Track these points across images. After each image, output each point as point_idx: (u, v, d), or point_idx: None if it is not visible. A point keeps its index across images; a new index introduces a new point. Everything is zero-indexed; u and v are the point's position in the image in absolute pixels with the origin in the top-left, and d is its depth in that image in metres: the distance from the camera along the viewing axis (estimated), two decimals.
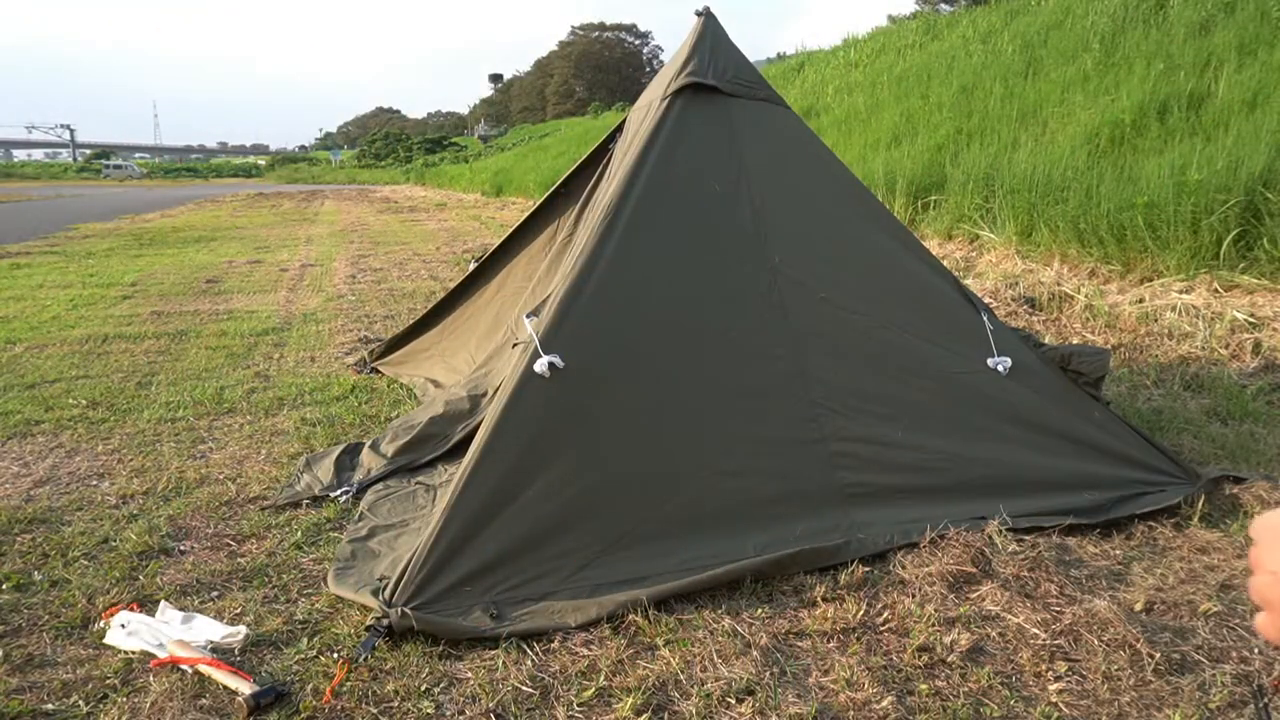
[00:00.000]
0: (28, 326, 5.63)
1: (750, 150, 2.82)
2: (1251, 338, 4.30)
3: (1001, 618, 2.07)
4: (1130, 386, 3.90)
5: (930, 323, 2.78)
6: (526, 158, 28.32)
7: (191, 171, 76.91)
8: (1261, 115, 5.87)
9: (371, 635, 1.97)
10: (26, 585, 2.27)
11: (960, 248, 7.06)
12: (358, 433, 3.44)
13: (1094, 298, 5.08)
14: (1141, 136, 6.73)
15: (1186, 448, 3.13)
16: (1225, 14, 7.90)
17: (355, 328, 5.62)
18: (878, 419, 2.55)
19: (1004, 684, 1.84)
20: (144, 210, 20.07)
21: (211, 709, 1.76)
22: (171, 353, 4.92)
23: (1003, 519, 2.41)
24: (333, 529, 2.60)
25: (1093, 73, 8.44)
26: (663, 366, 2.46)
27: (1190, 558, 2.35)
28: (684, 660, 1.90)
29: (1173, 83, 7.12)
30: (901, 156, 8.77)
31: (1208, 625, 2.02)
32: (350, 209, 20.09)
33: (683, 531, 2.27)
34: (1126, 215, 5.51)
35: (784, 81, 17.18)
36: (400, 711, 1.76)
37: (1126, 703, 1.77)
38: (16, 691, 1.82)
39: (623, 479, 2.30)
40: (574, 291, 2.45)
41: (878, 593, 2.19)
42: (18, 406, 3.82)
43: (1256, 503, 2.60)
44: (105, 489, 2.93)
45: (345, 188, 39.87)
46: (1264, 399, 3.69)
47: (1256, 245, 4.98)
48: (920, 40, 14.96)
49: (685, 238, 2.65)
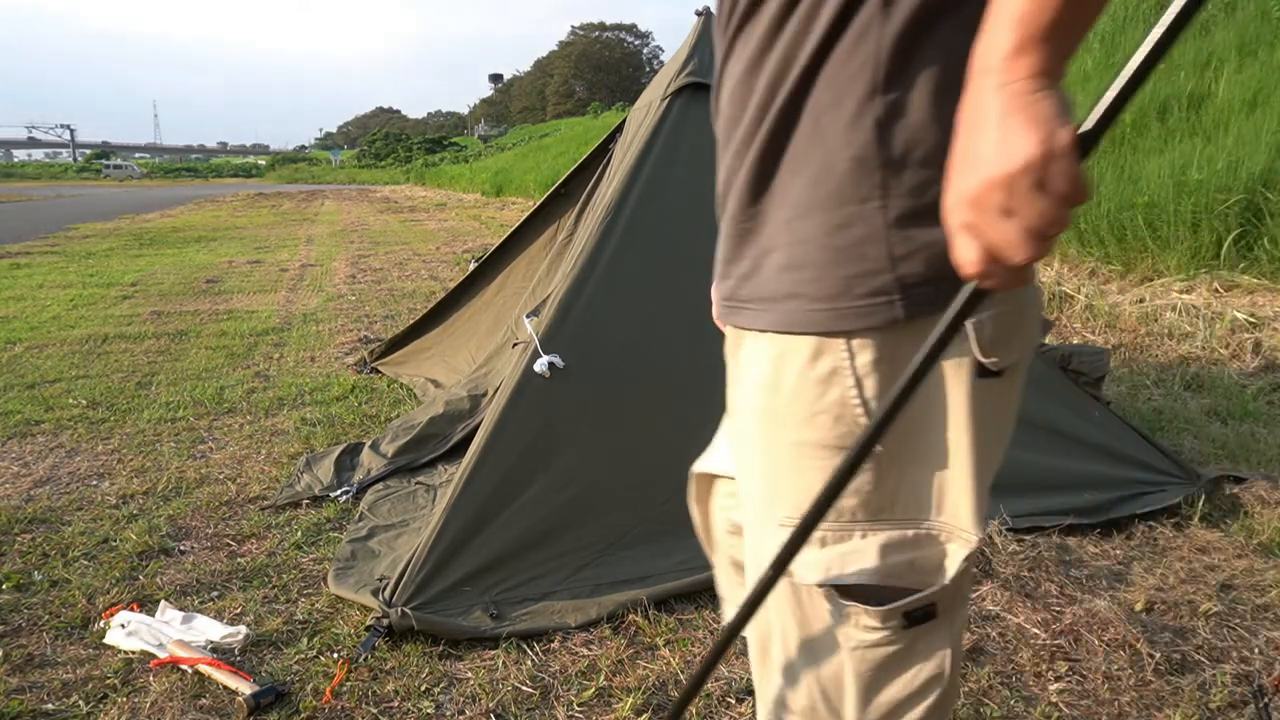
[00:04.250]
0: (28, 326, 5.63)
1: None
2: (1252, 338, 4.30)
3: (1001, 618, 2.07)
4: (1130, 386, 3.90)
5: None
6: (526, 158, 28.32)
7: (191, 171, 76.97)
8: (1261, 115, 5.88)
9: (371, 635, 1.97)
10: (26, 585, 2.27)
11: None
12: (358, 433, 3.44)
13: (1094, 298, 5.08)
14: (1142, 136, 6.74)
15: (1186, 448, 3.13)
16: (1225, 14, 7.90)
17: (355, 328, 5.62)
18: None
19: (1004, 684, 1.84)
20: (144, 210, 20.08)
21: (211, 709, 1.76)
22: (171, 353, 4.92)
23: (1003, 519, 2.41)
24: (333, 529, 2.60)
25: (1093, 73, 8.44)
26: (663, 366, 2.46)
27: (1190, 558, 2.35)
28: (684, 660, 1.90)
29: (1173, 83, 7.12)
30: None
31: (1208, 625, 2.02)
32: (350, 209, 20.10)
33: (683, 531, 2.26)
34: (1127, 215, 5.51)
35: None
36: (400, 711, 1.76)
37: (1127, 703, 1.77)
38: (16, 691, 1.82)
39: (623, 478, 2.30)
40: (574, 291, 2.45)
41: None
42: (18, 406, 3.82)
43: (1257, 503, 2.61)
44: (105, 489, 2.93)
45: (345, 188, 39.90)
46: (1264, 399, 3.69)
47: (1257, 245, 4.98)
48: None
49: (685, 238, 2.65)
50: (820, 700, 0.82)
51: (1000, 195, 0.57)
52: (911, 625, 0.77)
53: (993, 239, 0.59)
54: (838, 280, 0.72)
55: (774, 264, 0.77)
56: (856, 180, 0.71)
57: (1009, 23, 0.58)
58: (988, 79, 0.59)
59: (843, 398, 0.74)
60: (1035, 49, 0.57)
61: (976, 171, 0.59)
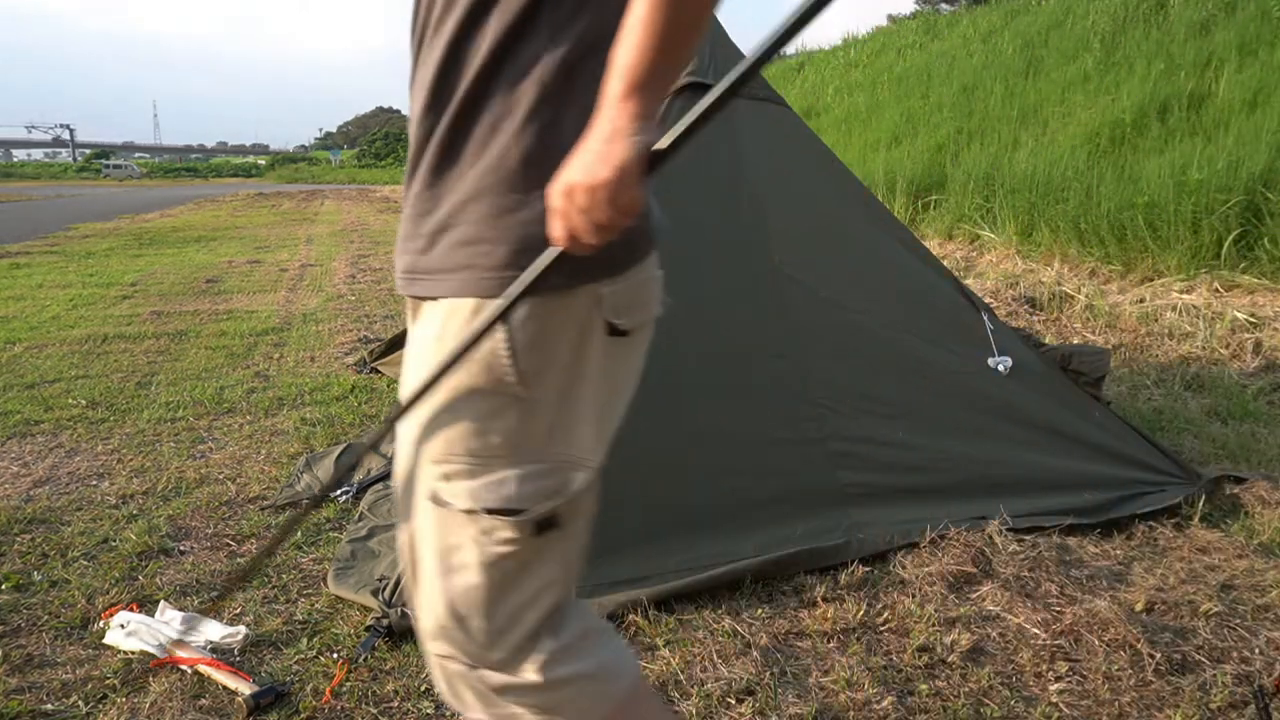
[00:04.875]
0: (27, 326, 5.62)
1: (750, 150, 2.82)
2: (1252, 338, 4.30)
3: (1002, 618, 2.07)
4: (1130, 386, 3.90)
5: (931, 322, 2.78)
6: None
7: (191, 171, 76.94)
8: (1262, 115, 5.88)
9: (371, 635, 1.97)
10: (26, 585, 2.27)
11: (960, 248, 7.06)
12: (358, 433, 3.44)
13: (1094, 298, 5.08)
14: (1142, 136, 6.74)
15: (1187, 448, 3.13)
16: (1225, 14, 7.90)
17: (355, 327, 5.62)
18: (878, 419, 2.55)
19: (1004, 684, 1.84)
20: (144, 210, 20.07)
21: (211, 709, 1.76)
22: (171, 353, 4.92)
23: (1003, 519, 2.41)
24: (333, 529, 2.60)
25: (1093, 73, 8.45)
26: (662, 366, 2.46)
27: (1191, 558, 2.35)
28: (684, 660, 1.90)
29: (1173, 82, 7.13)
30: (902, 156, 8.77)
31: (1208, 625, 2.02)
32: (350, 209, 20.10)
33: (683, 531, 2.27)
34: (1127, 215, 5.51)
35: (784, 81, 17.17)
36: (400, 711, 1.76)
37: (1127, 703, 1.77)
38: (16, 691, 1.82)
39: (622, 479, 2.29)
40: None
41: (878, 593, 2.18)
42: (18, 406, 3.82)
43: (1257, 503, 2.61)
44: (105, 489, 2.92)
45: (345, 187, 39.88)
46: (1264, 399, 3.69)
47: (1257, 245, 4.98)
48: (920, 40, 14.95)
49: (685, 237, 2.65)
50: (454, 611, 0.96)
51: (583, 197, 0.78)
52: (539, 533, 0.93)
53: (572, 224, 0.80)
54: (504, 254, 0.87)
55: (450, 240, 0.90)
56: (524, 174, 0.87)
57: (619, 73, 0.78)
58: (605, 111, 0.79)
59: (494, 349, 0.87)
60: (635, 96, 0.78)
61: (575, 174, 0.78)
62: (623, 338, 0.93)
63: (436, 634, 0.99)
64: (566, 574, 1.00)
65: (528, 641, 0.98)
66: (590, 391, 0.92)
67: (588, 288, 0.89)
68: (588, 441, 0.94)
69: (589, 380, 0.92)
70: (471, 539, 0.93)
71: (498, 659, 0.98)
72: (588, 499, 0.97)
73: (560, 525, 0.94)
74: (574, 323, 0.89)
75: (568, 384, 0.90)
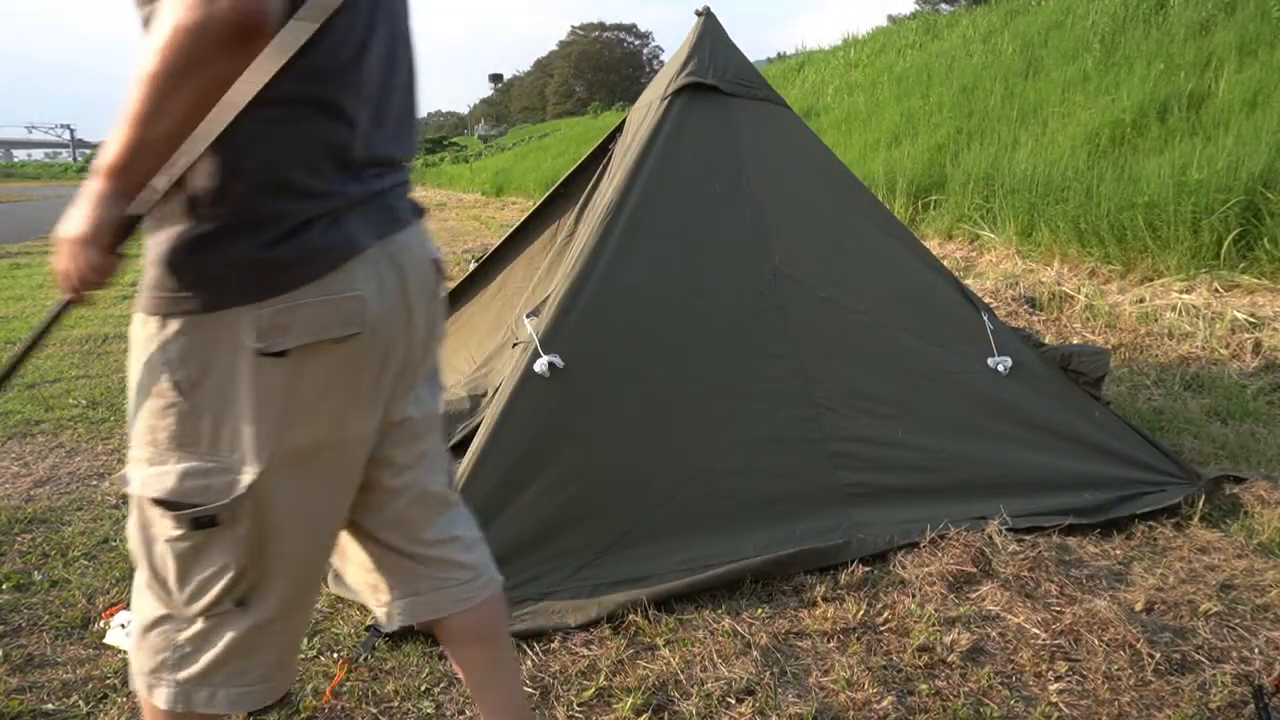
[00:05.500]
0: (27, 326, 5.63)
1: (750, 150, 2.82)
2: (1252, 338, 4.30)
3: (1001, 618, 2.07)
4: (1130, 386, 3.90)
5: (931, 322, 2.78)
6: (526, 158, 28.28)
7: None
8: (1262, 115, 5.88)
9: (371, 635, 1.97)
10: (26, 585, 2.27)
11: (960, 248, 7.06)
12: None
13: (1094, 298, 5.08)
14: (1142, 136, 6.74)
15: (1187, 448, 3.13)
16: (1225, 14, 7.90)
17: None
18: (878, 419, 2.55)
19: (1004, 684, 1.84)
20: None
21: None
22: None
23: (1003, 519, 2.41)
24: None
25: (1093, 73, 8.44)
26: (663, 366, 2.46)
27: (1190, 558, 2.35)
28: (684, 660, 1.90)
29: (1173, 83, 7.13)
30: (901, 156, 8.76)
31: (1208, 625, 2.02)
32: None
33: (683, 531, 2.27)
34: (1127, 215, 5.51)
35: (784, 81, 17.17)
36: (400, 711, 1.76)
37: (1127, 703, 1.77)
38: (16, 691, 1.82)
39: (622, 479, 2.30)
40: (574, 291, 2.44)
41: (878, 593, 2.19)
42: (18, 406, 3.82)
43: (1257, 503, 2.61)
44: (105, 489, 2.93)
45: None
46: (1264, 399, 3.69)
47: (1257, 245, 4.98)
48: (920, 40, 14.94)
49: (685, 237, 2.65)
50: (154, 576, 1.09)
51: (64, 247, 0.96)
52: (199, 529, 1.04)
53: (58, 268, 0.98)
54: (164, 278, 1.00)
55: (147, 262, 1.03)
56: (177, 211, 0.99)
57: (107, 149, 0.92)
58: (94, 176, 0.94)
59: (154, 359, 1.02)
60: (111, 174, 0.93)
61: (63, 225, 0.96)
62: (280, 358, 1.01)
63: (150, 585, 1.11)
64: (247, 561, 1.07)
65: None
66: (249, 404, 1.01)
67: (229, 311, 0.99)
68: (246, 449, 1.03)
69: (244, 394, 1.01)
70: (153, 520, 1.06)
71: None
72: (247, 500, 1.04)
73: (218, 524, 1.04)
74: (220, 342, 1.00)
75: (224, 395, 1.01)
